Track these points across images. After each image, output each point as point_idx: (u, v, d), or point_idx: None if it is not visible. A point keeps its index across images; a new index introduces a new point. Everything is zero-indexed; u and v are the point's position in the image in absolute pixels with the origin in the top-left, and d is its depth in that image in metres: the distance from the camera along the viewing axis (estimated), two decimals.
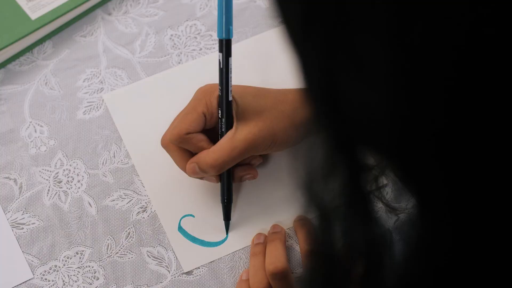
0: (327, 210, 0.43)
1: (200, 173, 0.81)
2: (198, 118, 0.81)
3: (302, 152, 0.44)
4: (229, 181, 0.84)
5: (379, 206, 0.72)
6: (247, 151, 0.81)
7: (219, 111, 0.81)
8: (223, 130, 0.81)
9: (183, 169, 0.83)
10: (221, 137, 0.81)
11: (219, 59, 0.80)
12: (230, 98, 0.81)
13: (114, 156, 0.90)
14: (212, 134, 0.83)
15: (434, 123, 0.36)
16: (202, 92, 0.83)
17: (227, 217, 0.86)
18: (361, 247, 0.43)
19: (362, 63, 0.35)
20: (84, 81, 0.94)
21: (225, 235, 0.86)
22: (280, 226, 0.85)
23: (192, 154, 0.83)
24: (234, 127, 0.81)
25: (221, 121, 0.81)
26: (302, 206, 0.44)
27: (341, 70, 0.37)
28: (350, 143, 0.40)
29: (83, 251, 0.85)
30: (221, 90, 0.81)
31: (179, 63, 0.95)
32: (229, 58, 0.80)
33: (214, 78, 0.87)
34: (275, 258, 0.82)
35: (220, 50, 0.80)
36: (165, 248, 0.85)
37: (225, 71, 0.80)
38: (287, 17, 0.38)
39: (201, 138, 0.81)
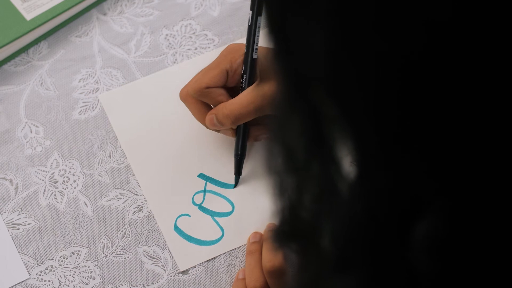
0: (289, 147, 0.44)
1: (217, 124, 0.84)
2: (220, 73, 0.83)
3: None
4: (244, 137, 0.86)
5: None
6: (263, 108, 0.83)
7: (243, 67, 0.83)
8: (243, 86, 0.84)
9: (200, 120, 0.85)
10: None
11: (249, 17, 0.83)
12: (255, 56, 0.83)
13: (110, 156, 0.90)
14: (233, 92, 0.85)
15: (365, 64, 0.37)
16: (228, 49, 0.85)
17: (238, 172, 0.88)
18: (317, 186, 0.44)
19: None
20: (79, 81, 0.94)
21: (221, 234, 0.86)
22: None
23: (210, 107, 0.85)
24: (255, 84, 0.83)
25: (243, 77, 0.83)
26: (266, 147, 0.45)
27: (290, 7, 0.39)
28: (303, 82, 0.41)
29: (79, 251, 0.85)
30: (247, 47, 0.83)
31: (174, 62, 0.95)
32: (259, 17, 0.82)
33: None
34: (272, 256, 0.82)
35: (251, 8, 0.83)
36: (161, 247, 0.85)
37: (253, 29, 0.83)
38: None
39: (221, 93, 0.84)
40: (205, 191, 0.88)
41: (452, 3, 0.35)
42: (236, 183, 0.88)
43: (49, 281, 0.84)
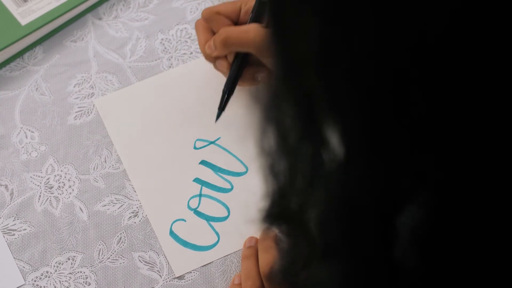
0: (282, 128, 0.44)
1: (212, 47, 0.86)
2: (233, 5, 0.87)
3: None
4: (236, 74, 0.86)
5: None
6: (256, 42, 0.84)
7: (253, 6, 0.86)
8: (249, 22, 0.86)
9: (203, 51, 0.88)
10: None
11: None
12: None
13: (105, 161, 0.90)
14: None
15: (357, 49, 0.37)
16: None
17: (221, 106, 0.87)
18: (307, 168, 0.44)
19: None
20: (74, 86, 0.94)
21: (217, 238, 0.86)
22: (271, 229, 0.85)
23: None
24: (260, 24, 0.85)
25: (250, 16, 0.86)
26: (259, 127, 0.45)
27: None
28: (297, 64, 0.42)
29: (74, 256, 0.85)
30: None
31: (169, 67, 0.95)
32: None
33: (205, 82, 0.87)
34: (270, 259, 0.82)
35: None
36: (156, 252, 0.85)
37: None
38: None
39: (227, 22, 0.87)
40: (200, 195, 0.88)
41: (448, 5, 0.35)
42: (218, 117, 0.87)
43: (44, 287, 0.84)
